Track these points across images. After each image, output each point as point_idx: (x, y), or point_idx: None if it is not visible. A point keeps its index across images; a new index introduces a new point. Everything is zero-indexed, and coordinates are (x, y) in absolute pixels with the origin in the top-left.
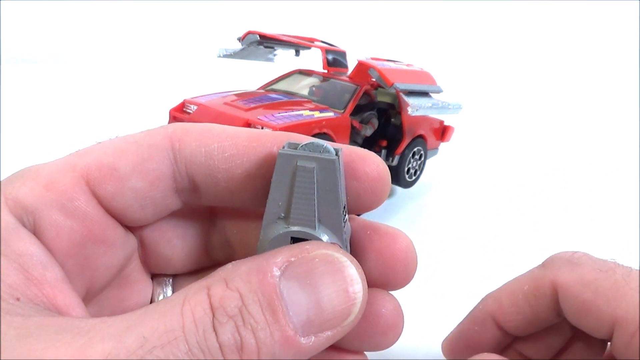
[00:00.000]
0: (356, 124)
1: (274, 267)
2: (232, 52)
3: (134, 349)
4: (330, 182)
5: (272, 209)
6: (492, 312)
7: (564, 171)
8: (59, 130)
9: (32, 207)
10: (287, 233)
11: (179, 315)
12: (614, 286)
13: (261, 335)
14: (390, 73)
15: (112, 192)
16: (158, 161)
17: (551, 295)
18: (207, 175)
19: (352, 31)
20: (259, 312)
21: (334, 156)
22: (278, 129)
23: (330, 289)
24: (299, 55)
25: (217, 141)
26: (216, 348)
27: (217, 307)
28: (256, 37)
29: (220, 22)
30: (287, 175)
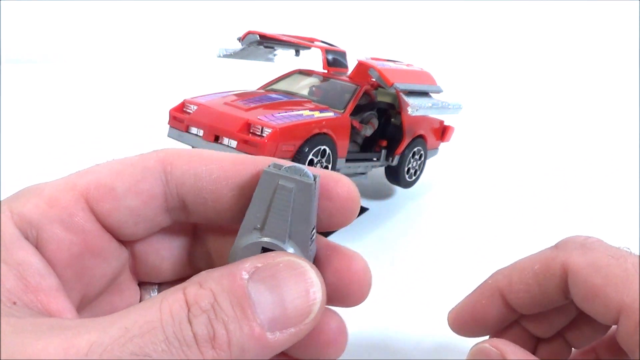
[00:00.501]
0: (356, 124)
1: (243, 271)
2: (232, 52)
3: (116, 338)
4: (304, 203)
5: (249, 220)
6: (501, 288)
7: (564, 170)
8: (59, 131)
9: (36, 222)
10: (259, 243)
11: (158, 310)
12: (624, 273)
13: (231, 328)
14: (390, 73)
15: (108, 209)
16: (151, 182)
17: (561, 277)
18: (195, 195)
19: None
20: (229, 307)
21: (311, 180)
22: (278, 129)
23: (293, 290)
24: (299, 55)
25: (205, 164)
26: (191, 337)
27: (192, 303)
28: (256, 37)
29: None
30: (268, 191)
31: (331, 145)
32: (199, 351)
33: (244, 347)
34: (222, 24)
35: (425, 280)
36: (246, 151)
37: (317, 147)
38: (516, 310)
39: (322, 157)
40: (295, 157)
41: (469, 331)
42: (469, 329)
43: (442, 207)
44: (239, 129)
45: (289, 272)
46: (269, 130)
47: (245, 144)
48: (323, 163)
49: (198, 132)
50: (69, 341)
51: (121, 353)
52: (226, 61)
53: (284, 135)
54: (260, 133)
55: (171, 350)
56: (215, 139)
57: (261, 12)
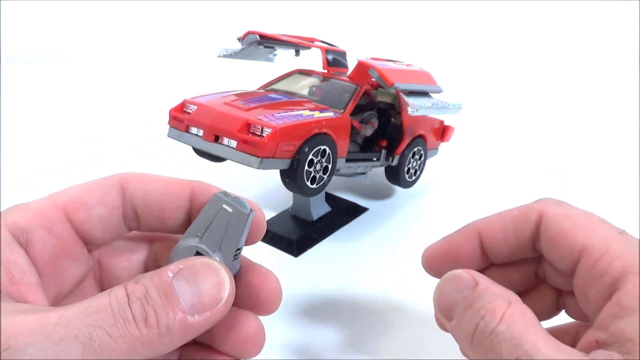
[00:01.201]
0: (356, 124)
1: (169, 271)
2: (232, 52)
3: (78, 313)
4: (236, 227)
5: (193, 228)
6: (480, 228)
7: (565, 170)
8: (59, 130)
9: (26, 228)
10: (195, 247)
11: (107, 297)
12: (590, 222)
13: (159, 312)
14: (390, 73)
15: (82, 218)
16: (114, 196)
17: (535, 222)
18: (144, 207)
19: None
20: (157, 297)
21: (247, 212)
22: (278, 128)
23: (207, 283)
24: (299, 55)
25: (152, 183)
26: (130, 317)
27: (130, 293)
28: (256, 37)
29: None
30: (213, 210)
31: (331, 145)
32: (137, 328)
33: (170, 327)
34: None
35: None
36: (246, 151)
37: (317, 147)
38: (488, 256)
39: (322, 157)
40: (295, 157)
41: (439, 271)
42: (440, 267)
43: (442, 207)
44: (239, 129)
45: (204, 269)
46: (269, 130)
47: (245, 143)
48: (323, 163)
49: (198, 132)
50: (42, 314)
51: (81, 323)
52: (226, 61)
53: (284, 135)
54: (260, 133)
55: (117, 325)
56: (215, 139)
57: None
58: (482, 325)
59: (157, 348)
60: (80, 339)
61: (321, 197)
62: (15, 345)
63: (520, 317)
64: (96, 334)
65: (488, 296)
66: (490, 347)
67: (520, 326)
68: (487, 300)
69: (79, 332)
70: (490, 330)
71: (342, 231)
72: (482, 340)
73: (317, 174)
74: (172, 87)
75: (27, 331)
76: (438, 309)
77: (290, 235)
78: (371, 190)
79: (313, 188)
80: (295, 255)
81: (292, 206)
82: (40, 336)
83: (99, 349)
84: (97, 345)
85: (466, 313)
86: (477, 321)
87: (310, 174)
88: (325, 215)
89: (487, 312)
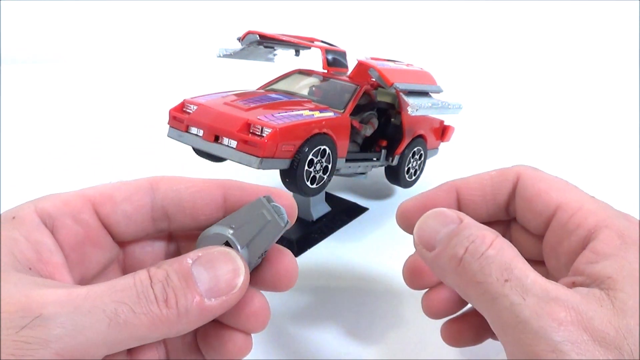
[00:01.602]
0: (356, 124)
1: (188, 258)
2: (232, 52)
3: (105, 289)
4: (269, 233)
5: (229, 220)
6: (458, 186)
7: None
8: (59, 130)
9: (54, 214)
10: (225, 236)
11: (132, 278)
12: (565, 185)
13: (179, 294)
14: (390, 73)
15: (108, 211)
16: (141, 195)
17: (513, 182)
18: (176, 205)
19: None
20: (177, 280)
21: (283, 223)
22: (278, 128)
23: (223, 269)
24: (299, 55)
25: (183, 183)
26: (152, 297)
27: (152, 276)
28: (256, 37)
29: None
30: (253, 211)
31: (331, 145)
32: (158, 307)
33: (188, 308)
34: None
35: None
36: (246, 151)
37: (317, 147)
38: (463, 211)
39: (322, 157)
40: (295, 157)
41: (413, 225)
42: (414, 221)
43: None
44: (239, 129)
45: (222, 257)
46: (269, 130)
47: (245, 143)
48: (323, 163)
49: (198, 132)
50: (71, 289)
51: (108, 299)
52: (226, 61)
53: (283, 135)
54: (260, 133)
55: (140, 302)
56: (215, 139)
57: (261, 12)
58: (472, 249)
59: (175, 327)
60: (107, 312)
61: (321, 197)
62: (46, 314)
63: (508, 247)
64: (121, 309)
65: (474, 228)
66: (479, 268)
67: (509, 254)
68: (475, 230)
69: (106, 307)
70: (480, 253)
71: (342, 231)
72: (471, 263)
73: (317, 174)
74: (172, 87)
75: (58, 302)
76: (419, 241)
77: (290, 235)
78: (371, 190)
79: (313, 188)
80: (295, 255)
81: None
82: (70, 307)
83: (123, 323)
84: (122, 320)
85: (453, 240)
86: (467, 245)
87: (310, 174)
88: (325, 215)
89: (476, 238)
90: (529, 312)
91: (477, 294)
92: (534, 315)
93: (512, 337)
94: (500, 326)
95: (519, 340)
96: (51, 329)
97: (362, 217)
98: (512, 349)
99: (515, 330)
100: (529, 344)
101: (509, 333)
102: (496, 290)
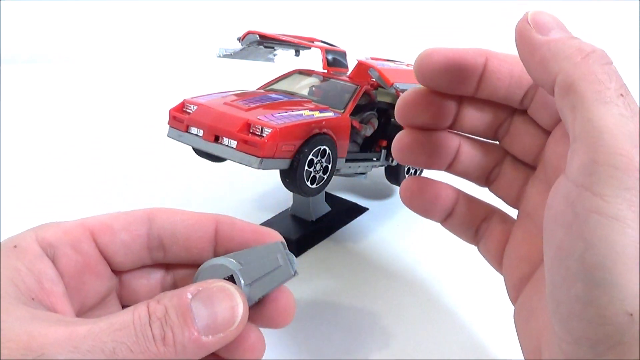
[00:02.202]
0: (356, 124)
1: (188, 292)
2: (232, 52)
3: (104, 329)
4: (276, 278)
5: (238, 255)
6: (488, 54)
7: None
8: (59, 131)
9: (54, 243)
10: (230, 269)
11: (131, 315)
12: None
13: (176, 331)
14: (390, 73)
15: (107, 241)
16: (138, 225)
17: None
18: (171, 236)
19: (352, 31)
20: (175, 317)
21: (292, 272)
22: (278, 129)
23: (222, 306)
24: (299, 55)
25: (179, 215)
26: (150, 336)
27: (151, 313)
28: (256, 37)
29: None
30: (267, 253)
31: (331, 145)
32: (155, 346)
33: (185, 345)
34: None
35: (426, 280)
36: (246, 151)
37: (317, 147)
38: (483, 86)
39: (322, 157)
40: (295, 157)
41: (432, 76)
42: (435, 72)
43: None
44: (239, 129)
45: (220, 293)
46: (269, 130)
47: (245, 144)
48: (323, 163)
49: (198, 132)
50: (72, 328)
51: (107, 338)
52: (226, 61)
53: (283, 135)
54: (260, 133)
55: (139, 342)
56: (215, 139)
57: (261, 12)
58: (596, 55)
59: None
60: (105, 352)
61: (321, 197)
62: (48, 353)
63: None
64: (119, 349)
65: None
66: (603, 71)
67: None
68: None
69: (105, 347)
70: (607, 62)
71: (342, 231)
72: (596, 62)
73: (317, 174)
74: (172, 87)
75: (58, 342)
76: (532, 18)
77: (290, 235)
78: (371, 190)
79: (313, 188)
80: (295, 255)
81: (292, 206)
82: (69, 347)
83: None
84: (120, 359)
85: (576, 40)
86: (595, 48)
87: (310, 174)
88: (325, 215)
89: (605, 52)
90: (633, 127)
91: (589, 92)
92: (636, 131)
93: (597, 139)
94: (588, 128)
95: (605, 144)
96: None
97: (362, 217)
98: (584, 149)
99: (610, 135)
100: (616, 147)
101: (595, 135)
102: (610, 97)
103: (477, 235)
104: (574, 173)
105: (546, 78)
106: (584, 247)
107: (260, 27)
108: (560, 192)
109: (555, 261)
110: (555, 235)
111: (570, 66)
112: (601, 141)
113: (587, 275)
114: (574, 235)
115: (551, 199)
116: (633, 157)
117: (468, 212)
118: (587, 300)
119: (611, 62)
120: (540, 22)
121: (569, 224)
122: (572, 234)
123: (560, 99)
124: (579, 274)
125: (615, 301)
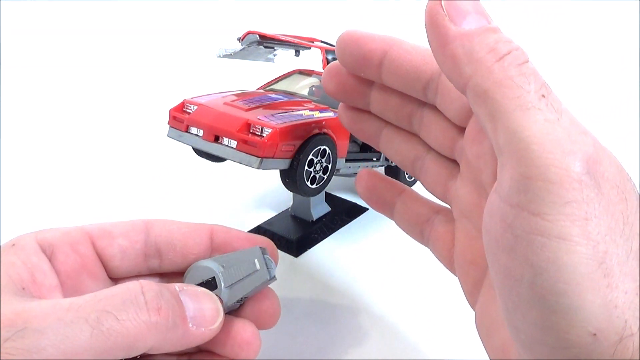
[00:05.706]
0: None
1: (176, 286)
2: (232, 52)
3: (88, 300)
4: (254, 281)
5: (221, 259)
6: (391, 41)
7: None
8: (59, 130)
9: (53, 243)
10: (214, 272)
11: (119, 287)
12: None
13: (173, 307)
14: None
15: (105, 245)
16: (136, 232)
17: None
18: (168, 243)
19: None
20: (169, 296)
21: (269, 277)
22: (278, 129)
23: (207, 304)
24: (299, 55)
25: (175, 224)
26: (142, 303)
27: (144, 286)
28: (256, 37)
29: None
30: (246, 257)
31: (331, 145)
32: (148, 314)
33: (176, 324)
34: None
35: (425, 280)
36: (246, 151)
37: (317, 147)
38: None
39: (322, 157)
40: (295, 157)
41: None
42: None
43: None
44: (239, 129)
45: (205, 295)
46: (269, 130)
47: (245, 144)
48: (323, 163)
49: (198, 132)
50: (56, 302)
51: (90, 308)
52: (226, 61)
53: (283, 135)
54: (260, 133)
55: (126, 309)
56: (215, 139)
57: (261, 12)
58: (516, 54)
59: (161, 339)
60: (89, 321)
61: (321, 197)
62: (31, 327)
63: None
64: (104, 317)
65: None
66: (519, 74)
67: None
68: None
69: (88, 317)
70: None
71: (342, 231)
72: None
73: (317, 174)
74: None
75: (42, 315)
76: (447, 4)
77: (290, 235)
78: None
79: (313, 188)
80: (295, 256)
81: (292, 206)
82: (52, 318)
83: (107, 332)
84: (105, 328)
85: (493, 34)
86: (512, 48)
87: (310, 174)
88: (325, 215)
89: (519, 47)
90: (562, 131)
91: (507, 99)
92: (567, 135)
93: (525, 152)
94: (513, 140)
95: (534, 156)
96: (34, 340)
97: (362, 217)
98: (512, 164)
99: (538, 145)
100: (547, 159)
101: (522, 147)
102: (531, 101)
103: (423, 235)
104: (506, 191)
105: (457, 79)
106: (533, 273)
107: (260, 27)
108: (496, 214)
109: (504, 289)
110: (499, 260)
111: (484, 70)
112: (530, 153)
113: (540, 302)
114: (519, 260)
115: (487, 222)
116: (567, 166)
117: (407, 210)
118: (545, 326)
119: (528, 60)
120: (454, 6)
121: (510, 247)
122: (516, 258)
123: (476, 105)
124: (532, 300)
125: (575, 324)
